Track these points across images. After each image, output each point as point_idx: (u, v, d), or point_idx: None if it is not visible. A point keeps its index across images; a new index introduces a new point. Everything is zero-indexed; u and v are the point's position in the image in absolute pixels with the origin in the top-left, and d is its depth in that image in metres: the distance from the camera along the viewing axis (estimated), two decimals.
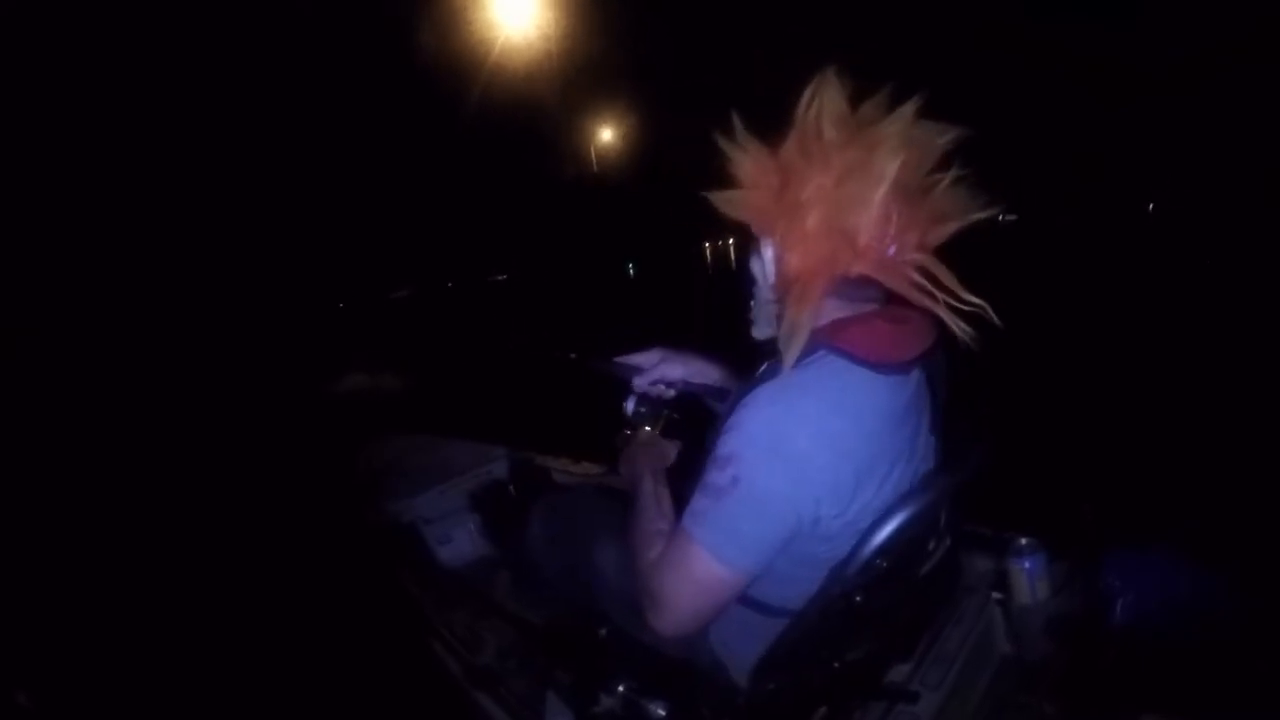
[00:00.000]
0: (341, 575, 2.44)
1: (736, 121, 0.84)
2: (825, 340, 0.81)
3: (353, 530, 2.23)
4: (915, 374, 0.86)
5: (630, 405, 1.17)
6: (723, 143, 0.84)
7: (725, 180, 0.85)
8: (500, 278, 20.14)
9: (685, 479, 0.90)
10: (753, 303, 0.94)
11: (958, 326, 0.77)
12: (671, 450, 1.09)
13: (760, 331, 0.94)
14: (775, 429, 0.77)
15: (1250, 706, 0.89)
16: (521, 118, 21.27)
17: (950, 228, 0.80)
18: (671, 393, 1.16)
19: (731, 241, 28.42)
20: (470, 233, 19.99)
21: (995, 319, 0.77)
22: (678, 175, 26.81)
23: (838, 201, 0.77)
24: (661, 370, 1.16)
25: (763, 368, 0.89)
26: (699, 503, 0.81)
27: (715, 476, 0.79)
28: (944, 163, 0.79)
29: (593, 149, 25.74)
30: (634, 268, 19.70)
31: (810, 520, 0.79)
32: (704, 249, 27.99)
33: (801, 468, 0.76)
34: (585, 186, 24.38)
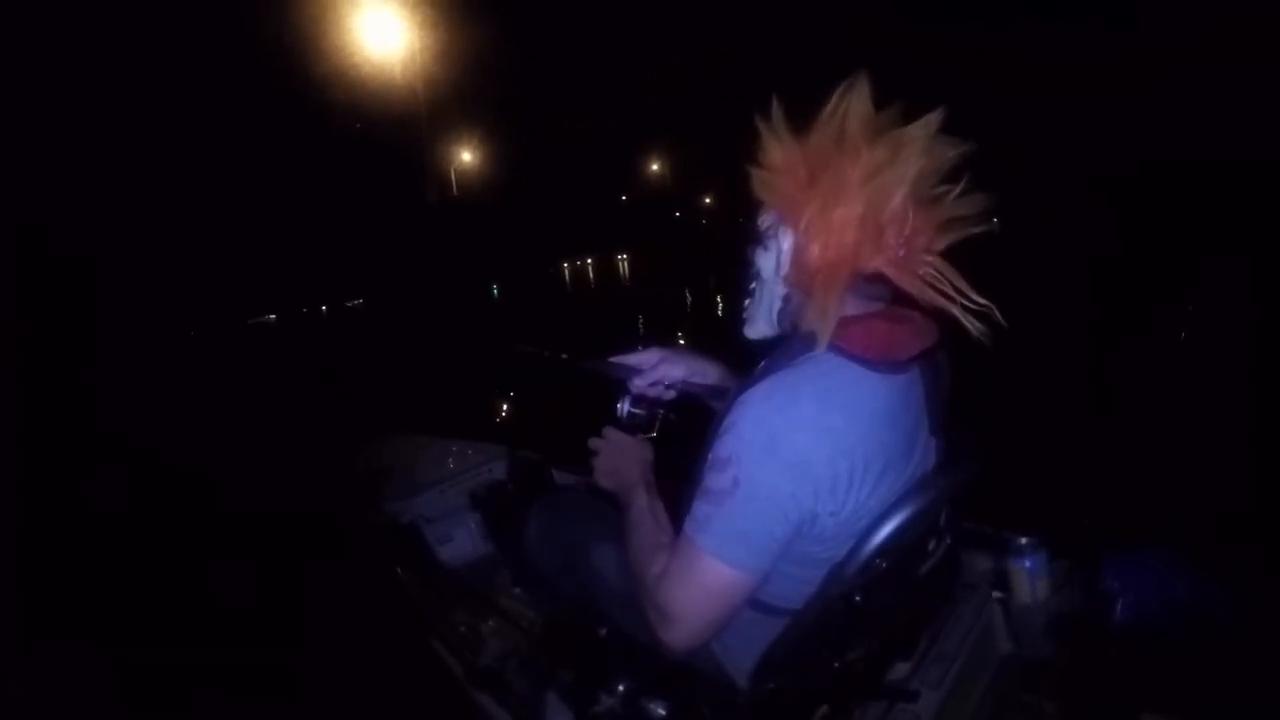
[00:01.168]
0: (342, 575, 2.44)
1: (775, 106, 0.84)
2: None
3: (353, 530, 2.23)
4: (913, 373, 0.86)
5: (624, 407, 1.14)
6: (760, 124, 0.85)
7: (753, 162, 0.86)
8: (356, 302, 19.12)
9: (685, 483, 0.90)
10: (749, 300, 0.94)
11: (972, 325, 0.79)
12: (649, 454, 1.07)
13: (756, 330, 0.94)
14: (772, 428, 0.77)
15: (1250, 706, 0.89)
16: (383, 139, 20.40)
17: (952, 237, 0.82)
18: (671, 394, 1.15)
19: (589, 261, 27.93)
20: (328, 256, 18.53)
21: (1002, 320, 0.78)
22: (537, 196, 26.31)
23: (868, 195, 0.78)
24: (661, 370, 1.14)
25: (760, 365, 0.90)
26: (700, 509, 0.80)
27: (715, 480, 0.79)
28: (951, 176, 0.81)
29: (453, 171, 25.04)
30: (498, 289, 18.98)
31: (810, 518, 0.79)
32: (562, 269, 27.43)
33: (800, 465, 0.76)
34: (447, 208, 23.61)
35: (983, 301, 0.79)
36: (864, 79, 0.81)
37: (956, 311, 0.79)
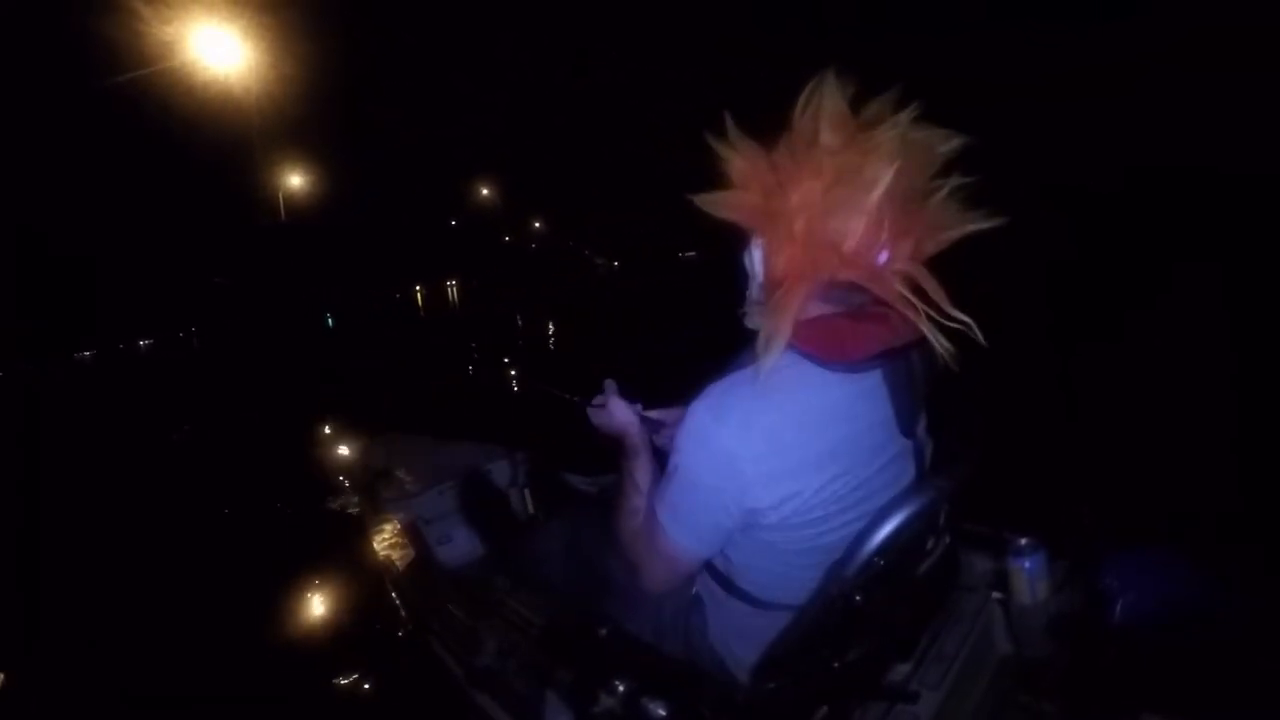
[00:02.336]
0: (341, 575, 2.45)
1: (729, 121, 0.83)
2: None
3: (353, 530, 2.23)
4: (876, 374, 0.83)
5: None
6: (713, 142, 0.84)
7: (715, 180, 0.84)
8: (189, 331, 18.38)
9: None
10: (747, 294, 0.94)
11: (938, 342, 0.77)
12: (634, 418, 1.05)
13: (755, 323, 0.94)
14: (705, 422, 0.81)
15: (1250, 706, 0.89)
16: (209, 160, 18.85)
17: (948, 237, 0.79)
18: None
19: (452, 283, 27.50)
20: (152, 284, 17.69)
21: (979, 337, 0.76)
22: (366, 221, 25.45)
23: (825, 208, 0.76)
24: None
25: (733, 363, 0.89)
26: (662, 486, 0.88)
27: (670, 461, 0.86)
28: (945, 170, 0.78)
29: (281, 195, 23.69)
30: (333, 319, 18.49)
31: (746, 509, 0.81)
32: (415, 293, 26.64)
33: (726, 460, 0.79)
34: (275, 235, 22.51)
35: (960, 317, 0.76)
36: (831, 75, 0.78)
37: (925, 326, 0.77)
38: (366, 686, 1.99)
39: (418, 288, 27.11)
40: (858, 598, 0.81)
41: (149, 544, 3.42)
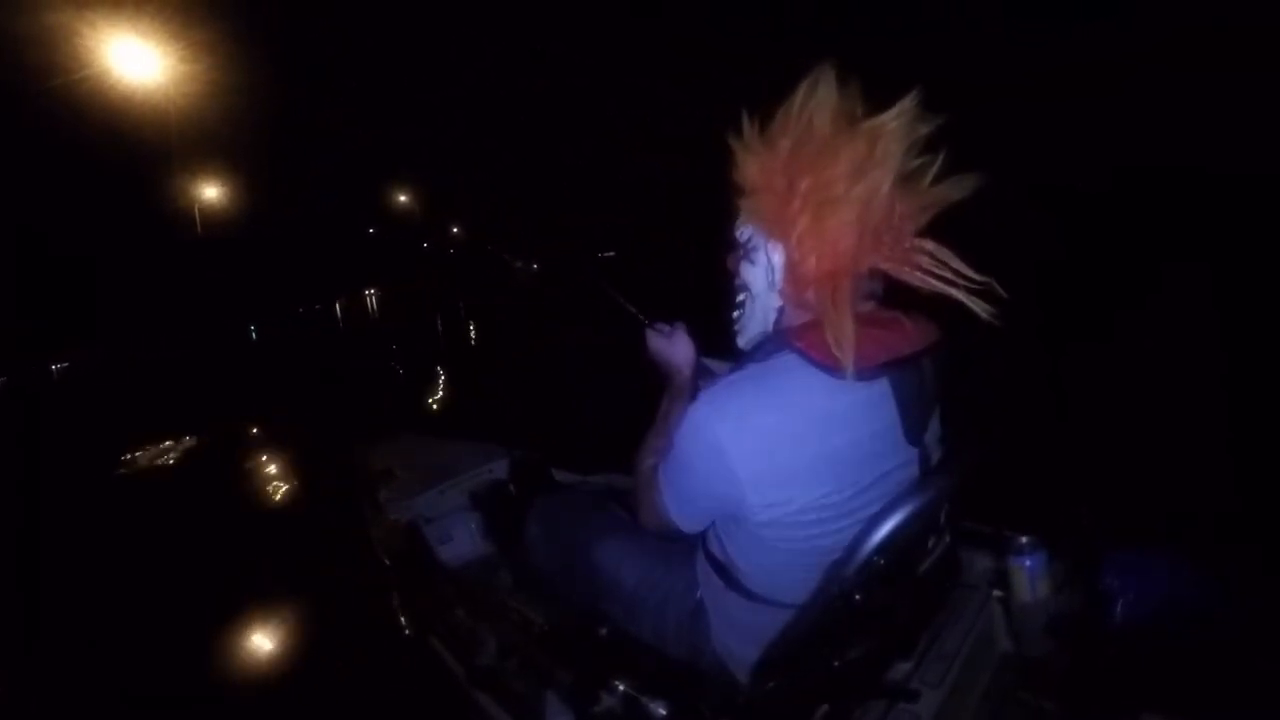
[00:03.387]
0: (342, 575, 2.44)
1: (746, 122, 0.83)
2: (790, 339, 0.82)
3: (353, 530, 2.23)
4: (883, 381, 0.82)
5: None
6: (733, 143, 0.84)
7: (732, 186, 0.85)
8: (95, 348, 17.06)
9: None
10: (739, 313, 0.93)
11: (978, 306, 0.79)
12: (693, 357, 1.10)
13: (748, 340, 0.94)
14: (704, 414, 0.81)
15: (1250, 706, 0.89)
16: (127, 173, 18.31)
17: (932, 212, 0.81)
18: None
19: (371, 292, 26.95)
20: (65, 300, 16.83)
21: (1002, 292, 0.78)
22: (284, 232, 24.71)
23: (858, 195, 0.77)
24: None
25: (739, 364, 0.90)
26: (668, 448, 0.90)
27: (675, 432, 0.87)
28: (927, 148, 0.80)
29: (197, 208, 22.83)
30: (256, 331, 18.12)
31: (734, 503, 0.82)
32: (335, 306, 26.01)
33: (715, 453, 0.79)
34: (194, 247, 21.79)
35: (981, 278, 0.79)
36: (829, 69, 0.79)
37: (960, 295, 0.78)
38: (366, 686, 1.98)
39: (339, 298, 26.71)
40: (858, 597, 0.81)
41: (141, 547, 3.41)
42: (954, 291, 0.78)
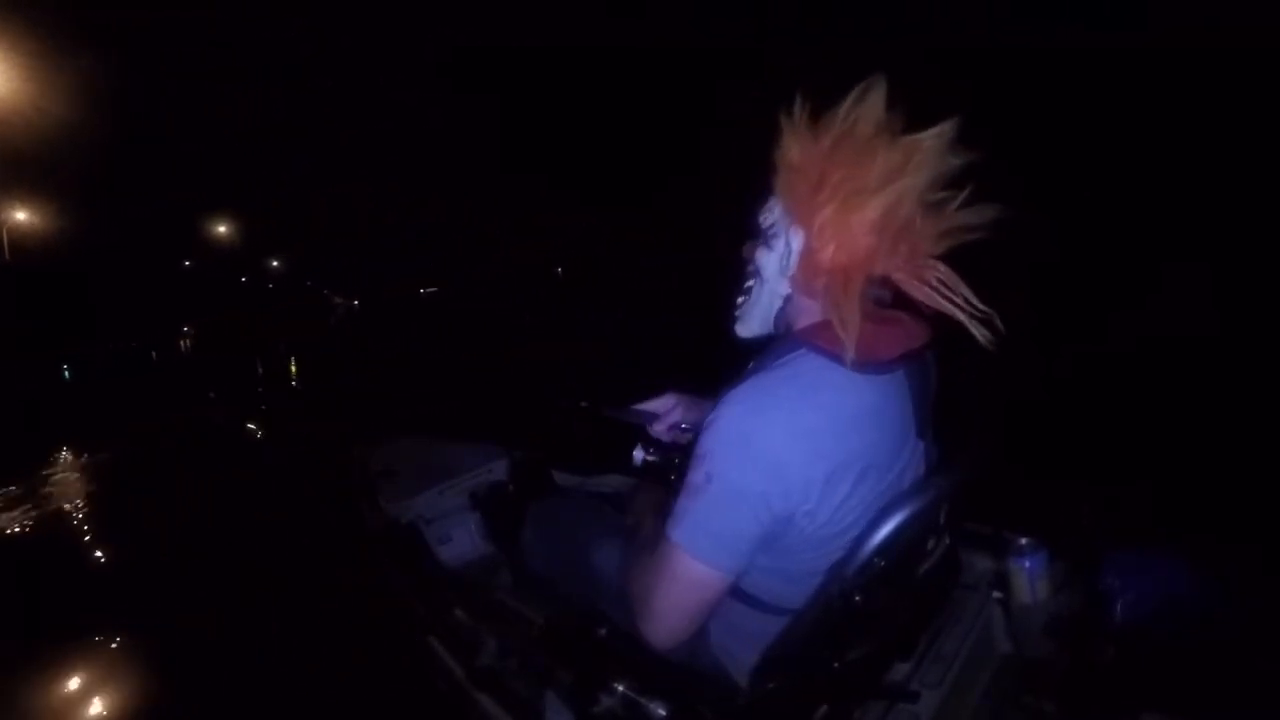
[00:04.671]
0: (342, 575, 2.44)
1: (799, 105, 0.84)
2: (807, 338, 0.82)
3: (353, 530, 2.23)
4: (899, 375, 0.85)
5: (639, 456, 1.18)
6: (784, 121, 0.85)
7: (770, 164, 0.87)
8: None
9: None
10: (744, 299, 0.94)
11: (979, 332, 0.80)
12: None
13: (748, 329, 0.94)
14: (746, 426, 0.78)
15: (1250, 706, 0.89)
16: None
17: (950, 243, 0.82)
18: (688, 436, 1.16)
19: (187, 329, 25.22)
20: None
21: (1001, 327, 0.79)
22: (98, 262, 23.00)
23: (884, 200, 0.78)
24: (677, 414, 1.17)
25: (749, 366, 0.90)
26: (679, 505, 0.81)
27: (692, 475, 0.80)
28: (955, 182, 0.82)
29: (4, 231, 21.63)
30: (69, 370, 16.32)
31: (784, 517, 0.79)
32: (182, 335, 24.73)
33: (774, 466, 0.77)
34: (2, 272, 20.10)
35: (985, 308, 0.80)
36: (881, 81, 0.81)
37: (963, 318, 0.80)
38: (367, 686, 1.98)
39: (154, 333, 23.83)
40: (858, 598, 0.81)
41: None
42: (958, 314, 0.80)
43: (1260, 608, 0.97)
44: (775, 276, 0.89)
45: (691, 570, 0.80)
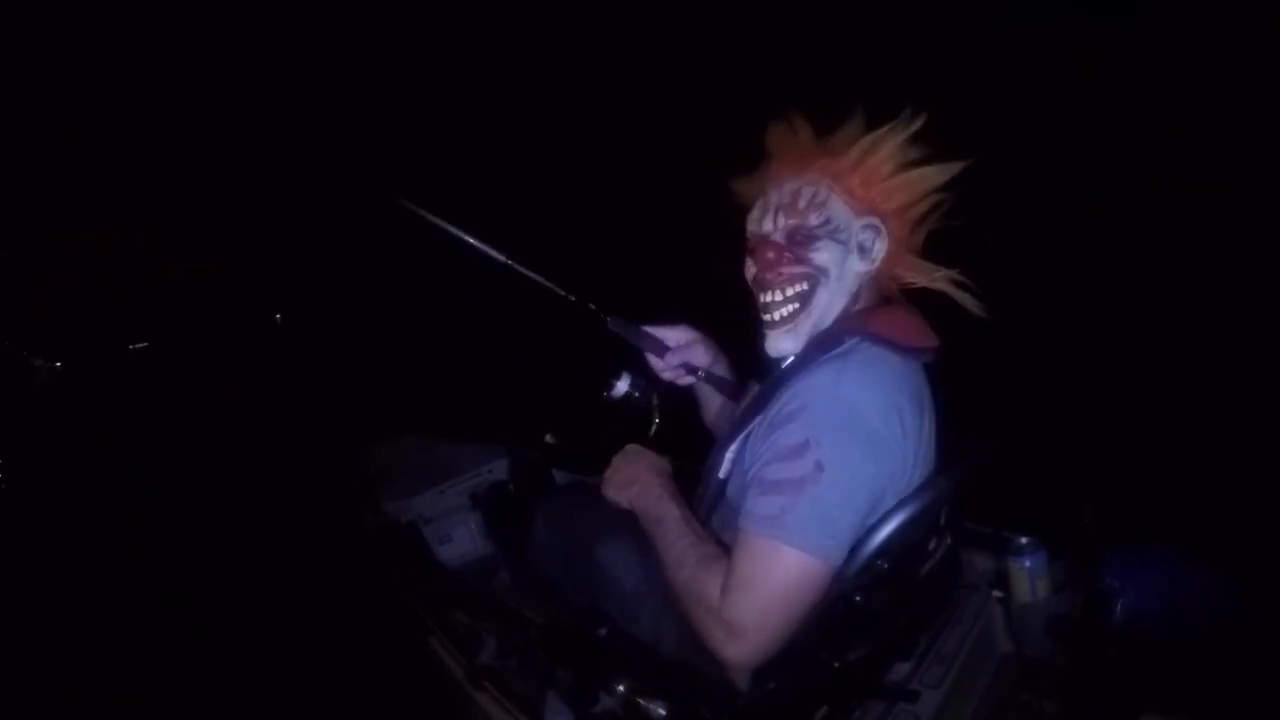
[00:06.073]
0: (342, 575, 2.44)
1: (911, 117, 0.87)
2: (857, 327, 0.84)
3: (353, 530, 2.23)
4: (929, 360, 0.90)
5: (620, 387, 1.04)
6: (897, 127, 0.88)
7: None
8: None
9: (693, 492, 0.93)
10: (793, 308, 0.88)
11: (972, 304, 0.87)
12: (668, 466, 1.00)
13: (795, 341, 0.88)
14: (847, 409, 0.76)
15: (1250, 706, 0.89)
16: None
17: (924, 206, 0.90)
18: (690, 380, 1.10)
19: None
20: None
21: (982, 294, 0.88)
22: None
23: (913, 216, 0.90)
24: (691, 352, 1.07)
25: (785, 365, 0.89)
26: (770, 505, 0.76)
27: (789, 469, 0.75)
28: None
29: None
30: None
31: (880, 498, 0.80)
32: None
33: (881, 444, 0.78)
34: None
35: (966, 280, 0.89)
36: (914, 117, 0.86)
37: (976, 311, 0.87)
38: (367, 686, 1.98)
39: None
40: (858, 598, 0.81)
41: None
42: (971, 306, 0.87)
43: (1260, 608, 0.97)
44: (849, 271, 0.88)
45: (805, 569, 0.74)
